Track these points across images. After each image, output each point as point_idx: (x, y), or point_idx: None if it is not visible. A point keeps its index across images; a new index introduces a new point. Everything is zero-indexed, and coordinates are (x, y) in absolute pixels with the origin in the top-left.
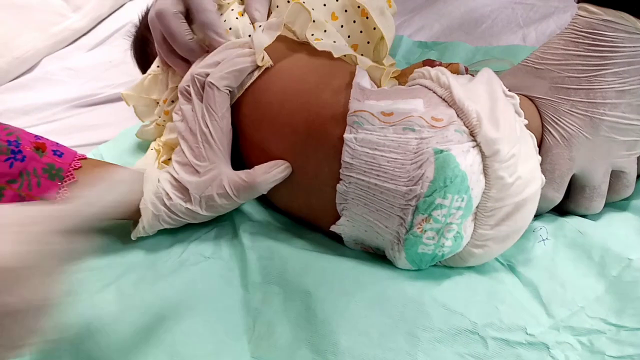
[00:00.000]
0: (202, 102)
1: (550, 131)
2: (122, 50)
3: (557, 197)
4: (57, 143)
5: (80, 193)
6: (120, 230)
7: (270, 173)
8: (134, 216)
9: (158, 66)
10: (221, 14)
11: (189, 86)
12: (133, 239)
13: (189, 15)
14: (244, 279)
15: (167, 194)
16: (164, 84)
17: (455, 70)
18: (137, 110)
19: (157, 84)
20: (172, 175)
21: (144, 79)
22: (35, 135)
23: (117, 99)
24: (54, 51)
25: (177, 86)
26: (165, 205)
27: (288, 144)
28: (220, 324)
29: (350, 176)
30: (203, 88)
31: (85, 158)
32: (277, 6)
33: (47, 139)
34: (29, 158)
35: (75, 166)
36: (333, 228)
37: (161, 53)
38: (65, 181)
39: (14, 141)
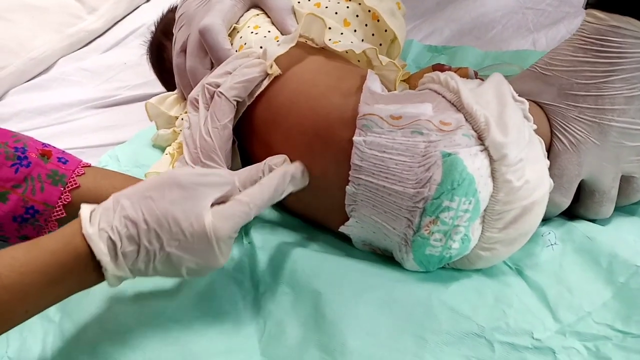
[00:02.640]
0: (208, 110)
1: (558, 137)
2: (137, 52)
3: (565, 202)
4: (64, 151)
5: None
6: None
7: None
8: None
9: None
10: (240, 35)
11: (198, 95)
12: None
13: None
14: (255, 279)
15: None
16: (183, 107)
17: (465, 75)
18: (158, 123)
19: (178, 104)
20: None
21: (169, 95)
22: (43, 143)
23: (132, 100)
24: (69, 52)
25: None
26: None
27: (297, 145)
28: (231, 323)
29: (360, 178)
30: (212, 98)
31: (90, 166)
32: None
33: (54, 147)
34: (34, 164)
35: (78, 173)
36: (342, 229)
37: (180, 67)
38: (68, 187)
39: (21, 148)
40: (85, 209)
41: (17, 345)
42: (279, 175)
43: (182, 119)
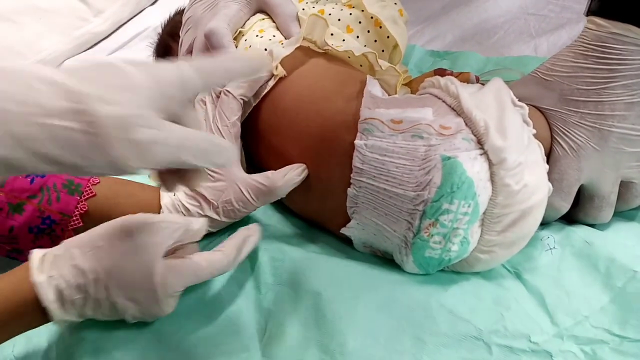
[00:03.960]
0: (215, 109)
1: (559, 142)
2: (143, 54)
3: (565, 206)
4: None
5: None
6: None
7: (288, 176)
8: None
9: None
10: (244, 38)
11: (205, 97)
12: None
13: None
14: (256, 280)
15: (183, 205)
16: None
17: (466, 80)
18: None
19: None
20: None
21: None
22: None
23: None
24: (75, 54)
25: None
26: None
27: (303, 148)
28: (233, 324)
29: (361, 181)
30: (218, 97)
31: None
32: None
33: None
34: (49, 174)
35: (93, 182)
36: (343, 231)
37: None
38: (84, 196)
39: None
40: (35, 255)
41: (23, 345)
42: (239, 243)
43: None
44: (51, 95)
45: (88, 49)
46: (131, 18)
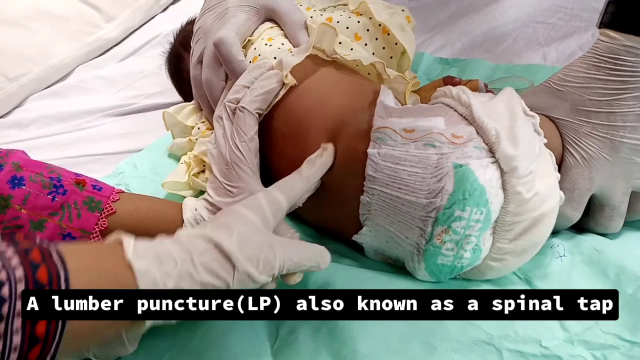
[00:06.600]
0: (232, 125)
1: (570, 151)
2: (154, 61)
3: (576, 215)
4: (96, 179)
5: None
6: None
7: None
8: None
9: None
10: (254, 46)
11: (221, 113)
12: None
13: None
14: None
15: (204, 220)
16: (199, 117)
17: (475, 87)
18: (174, 132)
19: (195, 114)
20: (207, 201)
21: (186, 105)
22: (76, 173)
23: (149, 108)
24: (87, 60)
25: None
26: None
27: None
28: (244, 330)
29: (374, 188)
30: (234, 114)
31: (123, 192)
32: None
33: (87, 176)
34: (70, 192)
35: (113, 199)
36: (355, 238)
37: (196, 79)
38: (105, 213)
39: (56, 177)
40: None
41: None
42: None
43: (198, 128)
44: (210, 255)
45: (99, 55)
46: (143, 24)
